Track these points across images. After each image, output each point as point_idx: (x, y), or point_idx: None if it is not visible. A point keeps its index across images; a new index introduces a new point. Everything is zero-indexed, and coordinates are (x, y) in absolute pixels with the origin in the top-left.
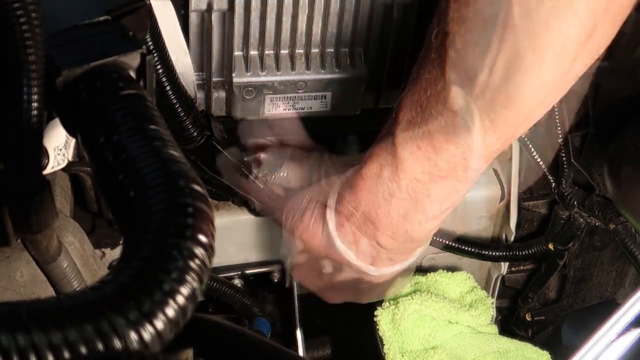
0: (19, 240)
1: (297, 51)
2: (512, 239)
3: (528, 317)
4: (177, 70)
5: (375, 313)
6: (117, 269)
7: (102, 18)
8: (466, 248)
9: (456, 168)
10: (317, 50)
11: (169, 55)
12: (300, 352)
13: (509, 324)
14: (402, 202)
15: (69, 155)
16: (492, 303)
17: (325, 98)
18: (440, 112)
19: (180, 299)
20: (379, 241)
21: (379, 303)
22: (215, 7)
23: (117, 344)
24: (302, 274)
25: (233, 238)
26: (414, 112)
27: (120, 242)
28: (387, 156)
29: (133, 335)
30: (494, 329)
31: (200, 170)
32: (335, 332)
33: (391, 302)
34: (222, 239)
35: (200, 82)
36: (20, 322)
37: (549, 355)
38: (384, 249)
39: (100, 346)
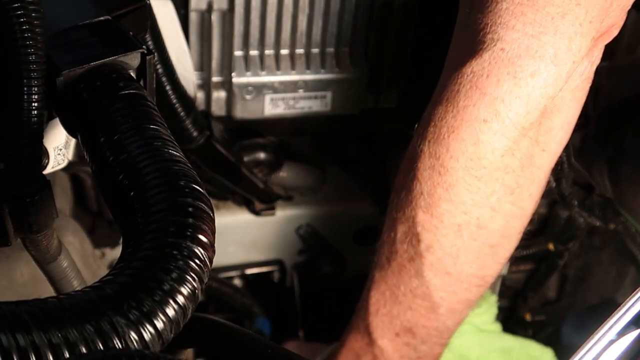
0: (19, 240)
1: (297, 51)
2: None
3: (528, 317)
4: (177, 70)
5: None
6: (117, 269)
7: (102, 18)
8: None
9: (433, 348)
10: (317, 50)
11: (169, 55)
12: None
13: (509, 324)
14: None
15: (69, 155)
16: (496, 301)
17: (325, 98)
18: (418, 305)
19: (181, 299)
20: None
21: None
22: (215, 6)
23: (118, 343)
24: None
25: (233, 238)
26: (387, 306)
27: (120, 242)
28: (363, 345)
29: (133, 335)
30: (498, 327)
31: (200, 170)
32: (336, 332)
33: None
34: (222, 239)
35: (200, 82)
36: (21, 321)
37: (553, 352)
38: None
39: (100, 346)
